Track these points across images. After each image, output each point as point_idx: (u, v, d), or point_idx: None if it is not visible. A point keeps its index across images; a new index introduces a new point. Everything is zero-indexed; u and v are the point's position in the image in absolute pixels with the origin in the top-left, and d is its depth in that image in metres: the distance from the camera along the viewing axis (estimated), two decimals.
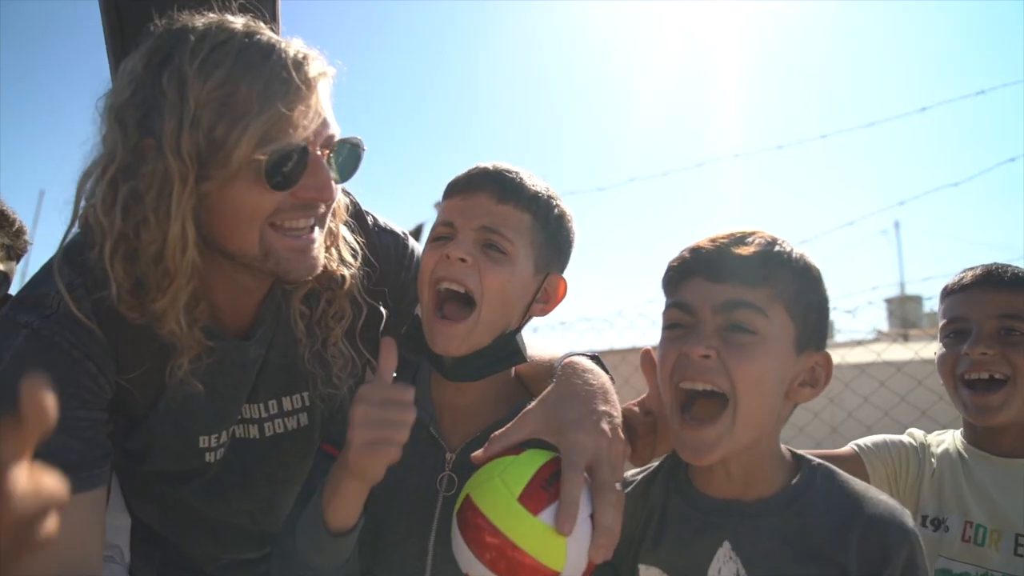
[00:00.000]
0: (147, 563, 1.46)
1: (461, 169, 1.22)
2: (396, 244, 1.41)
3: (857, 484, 1.13)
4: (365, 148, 1.18)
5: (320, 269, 1.17)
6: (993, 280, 1.51)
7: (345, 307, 1.27)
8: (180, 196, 1.02)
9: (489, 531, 0.99)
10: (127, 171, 1.03)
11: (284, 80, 1.03)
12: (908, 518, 1.08)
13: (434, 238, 1.21)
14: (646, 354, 1.19)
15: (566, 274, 1.29)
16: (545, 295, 1.25)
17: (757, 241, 1.10)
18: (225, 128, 1.00)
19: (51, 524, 0.61)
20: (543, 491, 1.00)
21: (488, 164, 1.22)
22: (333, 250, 1.25)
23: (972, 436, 1.55)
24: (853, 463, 1.55)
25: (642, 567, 1.17)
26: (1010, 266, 1.52)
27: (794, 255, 1.10)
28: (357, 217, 1.34)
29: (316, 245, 1.14)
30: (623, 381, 1.42)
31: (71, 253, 1.11)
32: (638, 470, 1.26)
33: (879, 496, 1.11)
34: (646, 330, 4.98)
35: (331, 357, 1.27)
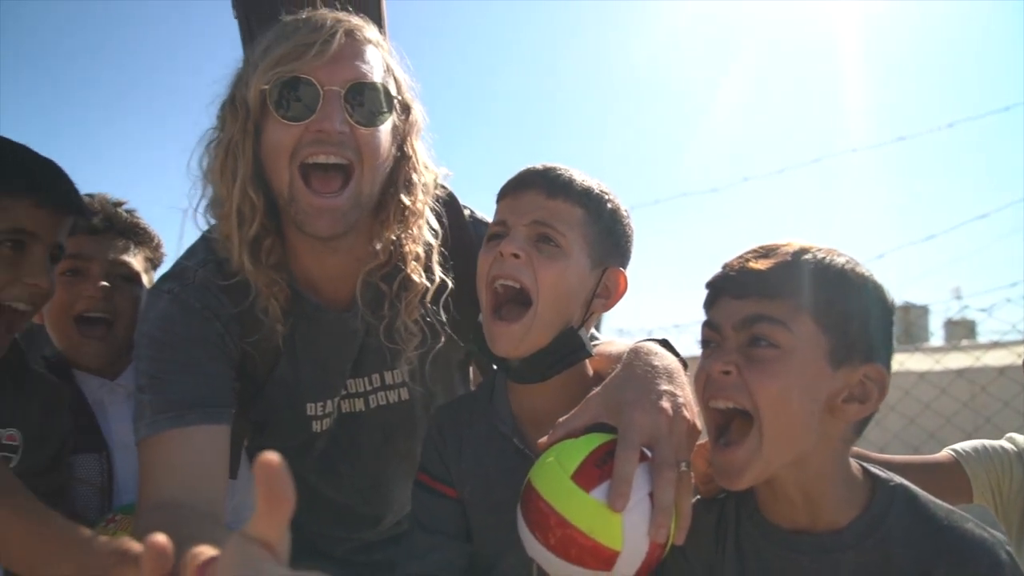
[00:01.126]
0: None
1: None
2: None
3: (940, 509, 1.02)
4: (396, 94, 1.25)
5: (340, 232, 1.21)
6: None
7: (418, 287, 1.32)
8: (233, 134, 1.20)
9: (546, 511, 0.98)
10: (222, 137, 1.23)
11: (303, 34, 1.17)
12: (1002, 549, 0.96)
13: (489, 237, 1.22)
14: None
15: (631, 270, 1.27)
16: (605, 290, 1.23)
17: (781, 252, 1.04)
18: (251, 74, 1.19)
19: None
20: (596, 469, 0.98)
21: (538, 164, 1.24)
22: (414, 229, 1.30)
23: None
24: (951, 470, 1.38)
25: None
26: None
27: (826, 263, 1.02)
28: (451, 207, 1.41)
29: (341, 209, 1.19)
30: None
31: (207, 235, 1.30)
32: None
33: (966, 524, 0.99)
34: None
35: (406, 334, 1.33)
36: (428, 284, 1.32)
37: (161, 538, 0.63)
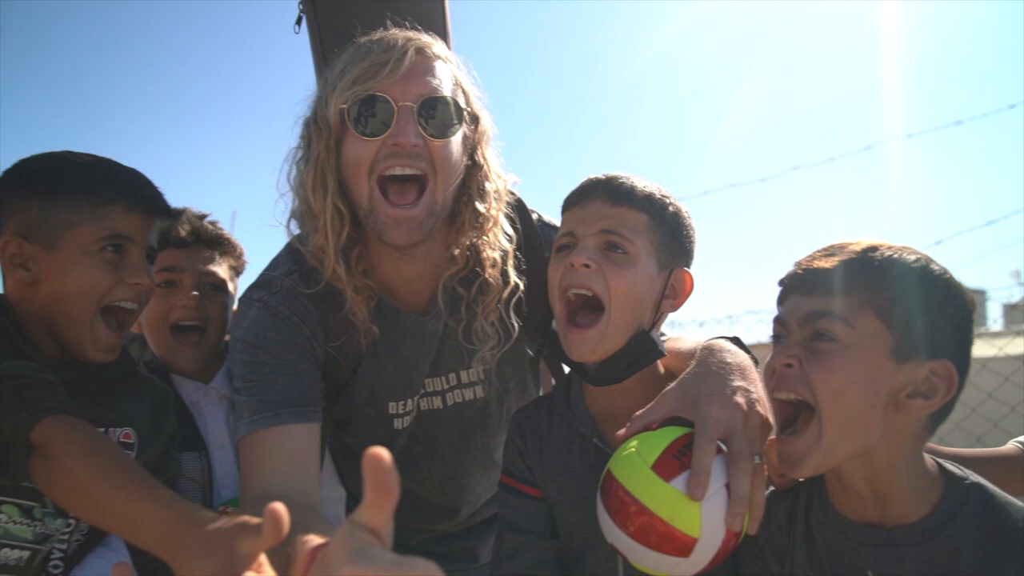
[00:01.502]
0: None
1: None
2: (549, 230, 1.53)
3: (1017, 510, 1.01)
4: (465, 106, 1.31)
5: (417, 240, 1.27)
6: None
7: (494, 290, 1.38)
8: (319, 152, 1.27)
9: (627, 499, 1.03)
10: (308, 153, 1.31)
11: (377, 54, 1.24)
12: None
13: (558, 248, 1.28)
14: None
15: (695, 268, 1.32)
16: (673, 291, 1.28)
17: (848, 251, 1.08)
18: (331, 94, 1.26)
19: None
20: (675, 460, 1.03)
21: (600, 174, 1.29)
22: (489, 235, 1.37)
23: None
24: (1019, 463, 1.37)
25: None
26: None
27: (893, 260, 1.05)
28: (520, 212, 1.47)
29: (417, 219, 1.26)
30: None
31: (291, 247, 1.39)
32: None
33: None
34: None
35: (483, 336, 1.40)
36: (504, 287, 1.39)
37: (279, 505, 0.71)
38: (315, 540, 0.90)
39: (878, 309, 1.03)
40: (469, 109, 1.33)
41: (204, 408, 1.59)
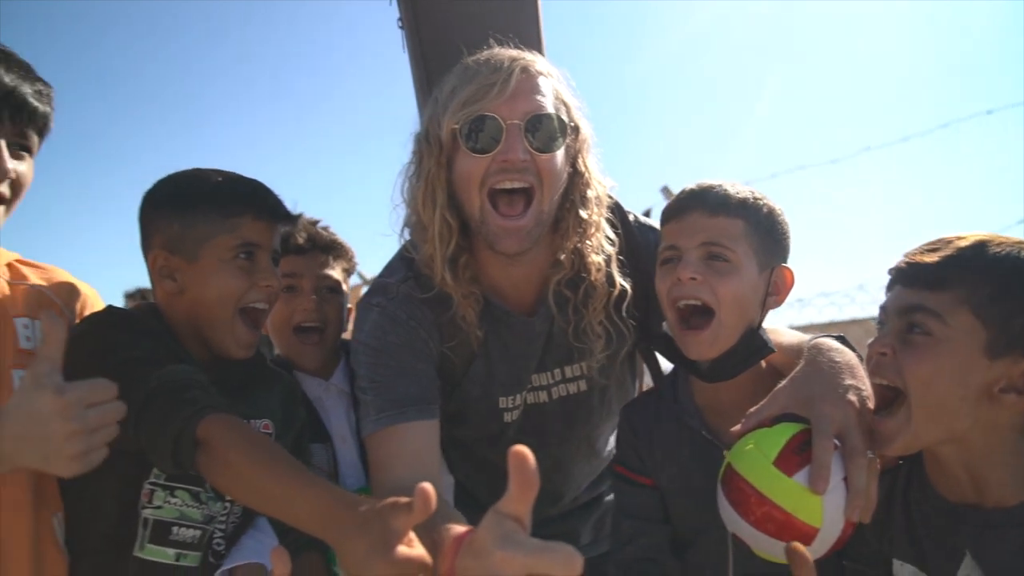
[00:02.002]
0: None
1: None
2: (657, 238, 1.56)
3: None
4: (568, 120, 1.38)
5: (526, 248, 1.36)
6: None
7: (600, 292, 1.46)
8: (429, 168, 1.37)
9: (749, 491, 1.11)
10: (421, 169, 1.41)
11: (485, 75, 1.32)
12: None
13: (662, 262, 1.37)
14: None
15: (791, 262, 1.38)
16: (775, 287, 1.34)
17: (952, 246, 1.11)
18: (442, 112, 1.35)
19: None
20: (796, 456, 1.11)
21: (692, 185, 1.37)
22: (593, 239, 1.45)
23: None
24: None
25: (896, 562, 1.24)
26: None
27: (999, 258, 1.08)
28: (619, 214, 1.55)
29: (525, 229, 1.34)
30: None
31: (404, 254, 1.50)
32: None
33: None
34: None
35: (592, 335, 1.49)
36: (610, 289, 1.47)
37: (428, 485, 0.83)
38: (459, 527, 1.01)
39: (975, 306, 1.07)
40: (572, 122, 1.40)
41: (326, 403, 1.72)
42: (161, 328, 1.37)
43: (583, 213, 1.43)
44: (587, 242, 1.45)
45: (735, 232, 1.29)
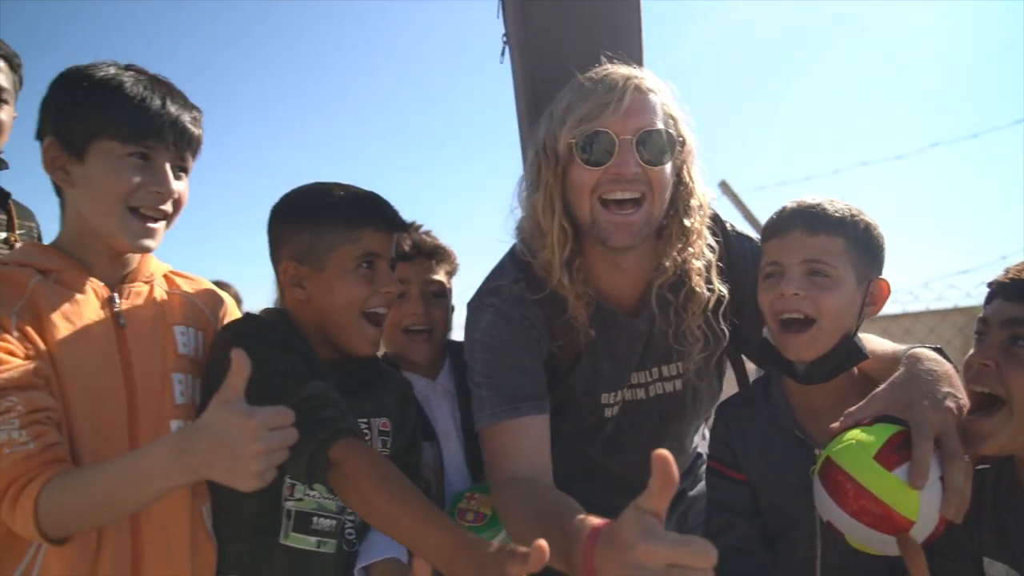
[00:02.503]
0: None
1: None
2: (752, 247, 1.63)
3: None
4: (676, 134, 1.45)
5: (635, 243, 1.44)
6: None
7: (699, 296, 1.52)
8: (547, 178, 1.45)
9: (848, 484, 1.18)
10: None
11: (600, 94, 1.40)
12: None
13: (765, 276, 1.45)
14: None
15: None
16: (872, 299, 1.42)
17: None
18: (559, 127, 1.43)
19: None
20: (896, 453, 1.18)
21: (793, 203, 1.44)
22: (695, 247, 1.52)
23: None
24: None
25: (986, 560, 1.30)
26: None
27: None
28: (718, 223, 1.62)
29: (636, 224, 1.42)
30: (945, 342, 1.59)
31: (514, 255, 1.57)
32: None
33: None
34: (958, 300, 4.68)
35: (691, 338, 1.55)
36: (708, 294, 1.52)
37: (543, 542, 0.93)
38: (595, 519, 1.08)
39: None
40: (679, 136, 1.46)
41: (432, 402, 1.80)
42: (292, 333, 1.47)
43: (686, 221, 1.49)
44: (689, 249, 1.51)
45: (835, 249, 1.37)
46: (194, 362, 1.40)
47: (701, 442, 1.94)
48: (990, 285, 1.29)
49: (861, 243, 1.39)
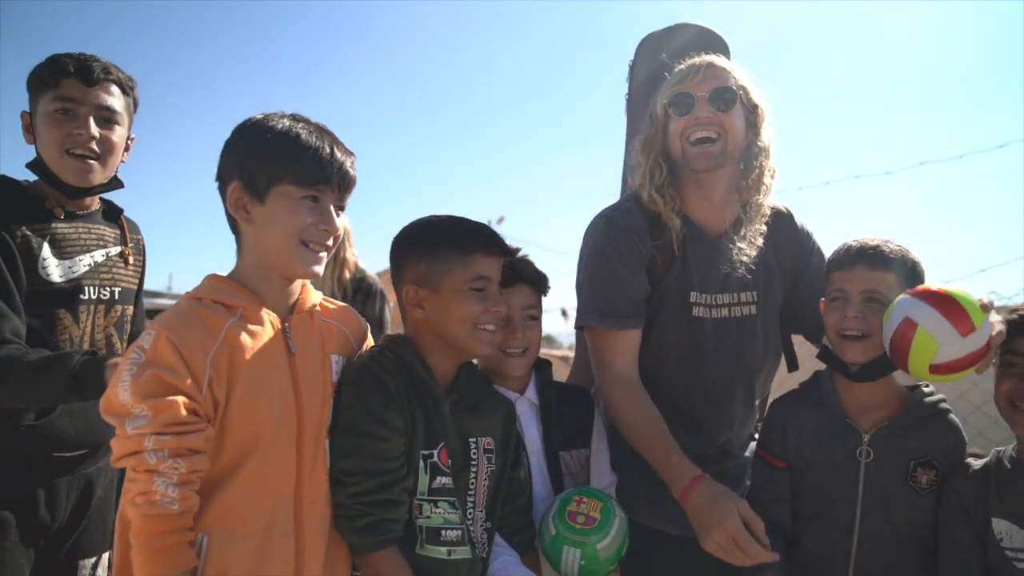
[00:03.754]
0: None
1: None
2: (809, 240, 2.14)
3: None
4: (745, 96, 1.89)
5: (713, 167, 1.88)
6: None
7: (759, 225, 1.97)
8: (650, 132, 1.97)
9: (935, 289, 1.59)
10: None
11: (685, 71, 1.92)
12: None
13: (831, 299, 1.80)
14: None
15: None
16: None
17: None
18: (663, 88, 1.96)
19: None
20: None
21: (856, 243, 1.80)
22: (763, 192, 1.95)
23: None
24: None
25: (994, 520, 1.63)
26: None
27: None
28: (789, 216, 2.13)
29: (713, 153, 1.86)
30: None
31: (632, 193, 2.04)
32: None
33: None
34: None
35: (759, 266, 1.97)
36: (766, 229, 1.98)
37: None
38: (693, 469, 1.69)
39: None
40: (750, 102, 1.90)
41: (520, 415, 1.91)
42: (412, 357, 1.60)
43: (759, 171, 1.93)
44: (760, 195, 1.95)
45: (889, 282, 1.73)
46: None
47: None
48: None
49: (908, 277, 1.75)
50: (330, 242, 1.47)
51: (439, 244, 1.61)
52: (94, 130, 1.82)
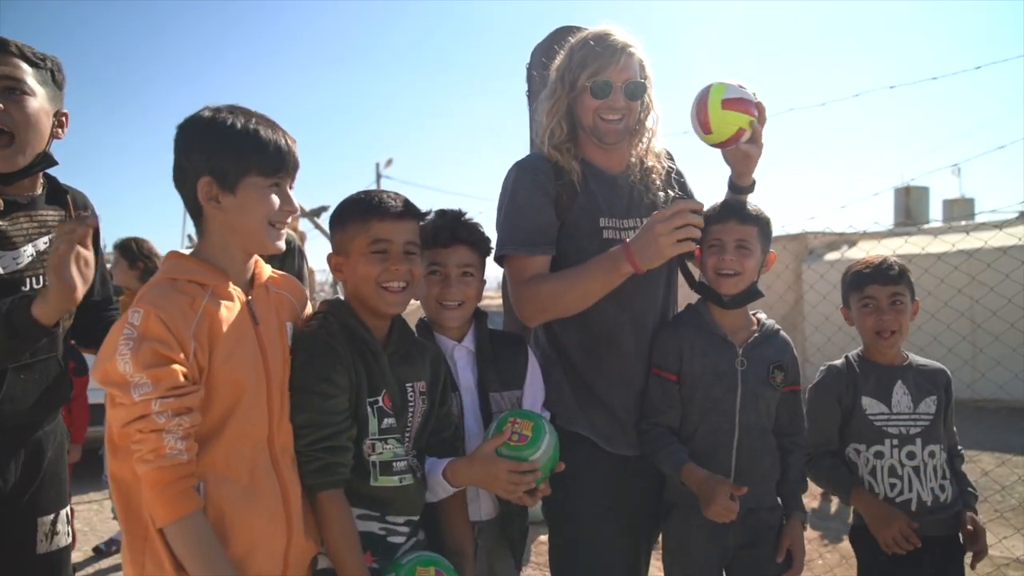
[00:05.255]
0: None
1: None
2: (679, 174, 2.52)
3: None
4: (645, 81, 2.22)
5: (619, 140, 2.24)
6: None
7: (657, 169, 2.34)
8: (559, 95, 2.24)
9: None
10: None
11: (606, 56, 2.15)
12: None
13: (710, 246, 2.23)
14: None
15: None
16: (767, 263, 2.29)
17: None
18: (578, 73, 2.18)
19: None
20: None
21: (731, 200, 2.28)
22: (652, 141, 2.34)
23: None
24: None
25: (864, 398, 2.44)
26: None
27: None
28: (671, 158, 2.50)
29: (619, 130, 2.21)
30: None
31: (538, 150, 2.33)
32: None
33: None
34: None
35: (658, 193, 2.33)
36: (662, 169, 2.38)
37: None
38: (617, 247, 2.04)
39: None
40: (648, 83, 2.25)
41: (457, 360, 2.15)
42: (353, 321, 1.82)
43: (647, 123, 2.32)
44: (647, 141, 2.34)
45: (753, 234, 2.22)
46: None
47: None
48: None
49: (765, 231, 2.25)
50: (290, 219, 1.67)
51: (345, 216, 1.87)
52: None
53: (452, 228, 2.13)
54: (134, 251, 4.66)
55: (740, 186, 2.27)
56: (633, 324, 2.28)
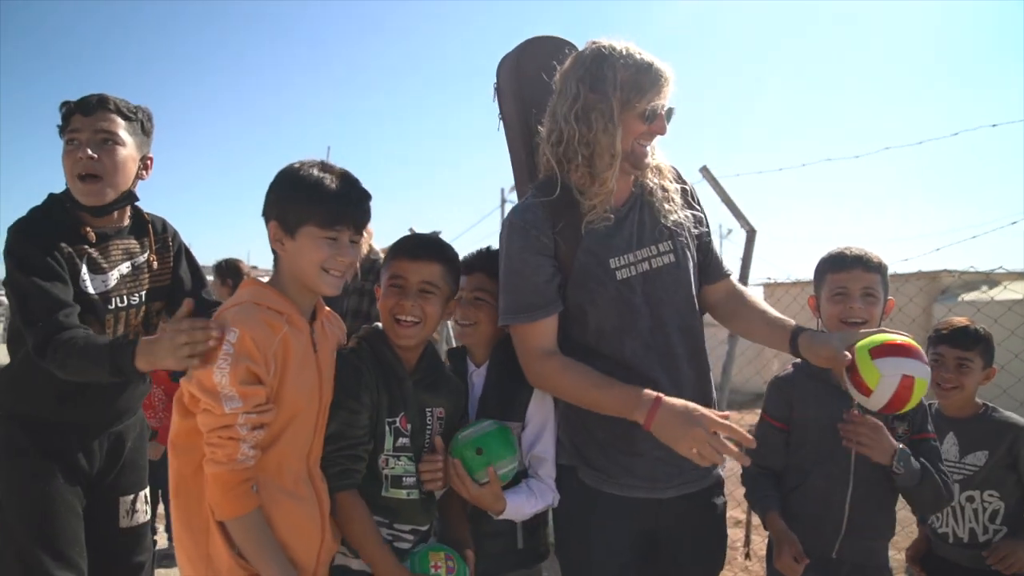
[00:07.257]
0: None
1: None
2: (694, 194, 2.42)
3: None
4: (674, 112, 2.08)
5: (644, 168, 2.11)
6: None
7: (666, 194, 2.19)
8: (609, 120, 2.01)
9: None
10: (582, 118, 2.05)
11: (655, 80, 2.01)
12: None
13: (834, 294, 2.32)
14: None
15: None
16: (886, 309, 2.34)
17: None
18: (631, 94, 2.00)
19: None
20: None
21: (848, 249, 2.32)
22: (655, 168, 2.18)
23: None
24: None
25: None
26: None
27: None
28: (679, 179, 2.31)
29: (647, 155, 2.08)
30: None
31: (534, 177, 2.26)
32: None
33: None
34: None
35: (669, 218, 2.17)
36: (672, 193, 2.23)
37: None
38: (652, 392, 1.89)
39: None
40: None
41: (474, 384, 2.27)
42: (387, 351, 2.02)
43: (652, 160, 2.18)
44: (654, 167, 2.19)
45: (877, 281, 2.25)
46: None
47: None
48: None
49: (886, 278, 2.28)
50: (346, 268, 1.82)
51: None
52: (91, 152, 2.13)
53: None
54: (223, 269, 5.32)
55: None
56: (660, 357, 2.10)
